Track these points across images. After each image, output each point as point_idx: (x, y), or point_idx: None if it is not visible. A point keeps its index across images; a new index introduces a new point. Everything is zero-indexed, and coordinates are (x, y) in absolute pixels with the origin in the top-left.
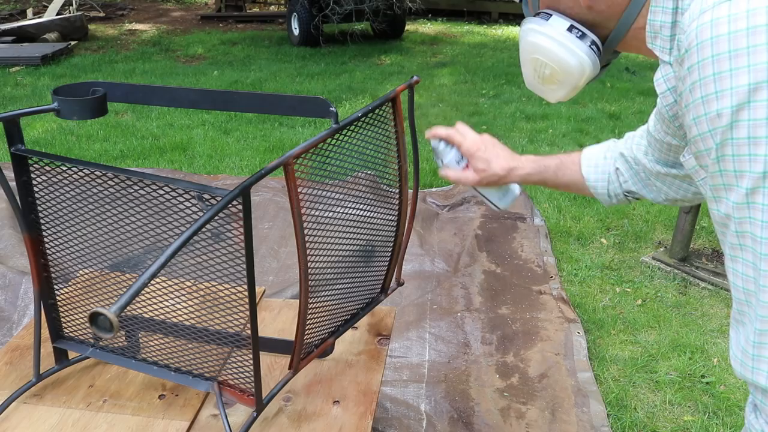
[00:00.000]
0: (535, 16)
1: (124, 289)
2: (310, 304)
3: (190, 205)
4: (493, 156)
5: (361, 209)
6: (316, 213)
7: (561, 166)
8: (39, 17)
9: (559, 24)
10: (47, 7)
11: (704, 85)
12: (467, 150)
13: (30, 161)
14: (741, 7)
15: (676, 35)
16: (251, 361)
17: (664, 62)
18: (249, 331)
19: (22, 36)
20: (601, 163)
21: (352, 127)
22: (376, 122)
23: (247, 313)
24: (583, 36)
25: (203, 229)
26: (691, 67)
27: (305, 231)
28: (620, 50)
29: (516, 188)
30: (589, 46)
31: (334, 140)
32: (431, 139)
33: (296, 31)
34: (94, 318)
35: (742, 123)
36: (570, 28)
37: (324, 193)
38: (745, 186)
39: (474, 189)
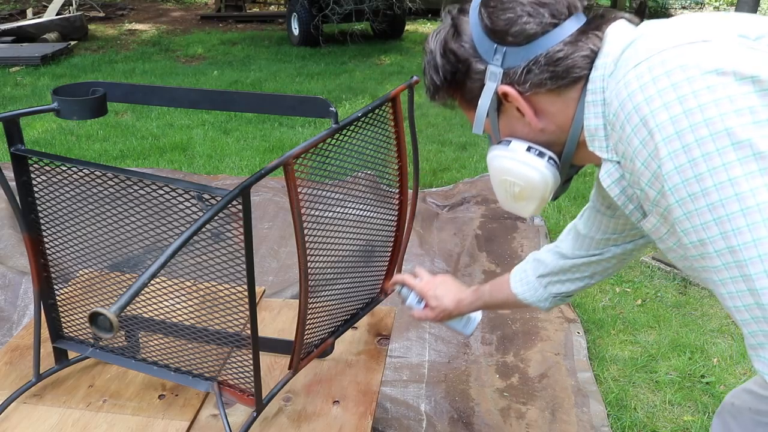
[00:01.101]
0: (497, 144)
1: (124, 289)
2: (310, 304)
3: (190, 205)
4: (443, 293)
5: (361, 209)
6: (316, 213)
7: (493, 289)
8: (39, 17)
9: (518, 146)
10: (47, 7)
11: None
12: (420, 291)
13: (30, 161)
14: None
15: (608, 132)
16: (251, 361)
17: (606, 160)
18: (249, 331)
19: (22, 36)
20: (524, 277)
21: (352, 127)
22: (375, 122)
23: (247, 313)
24: (541, 153)
25: (203, 229)
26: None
27: (305, 231)
28: (576, 163)
29: (477, 315)
30: (547, 160)
31: (334, 140)
32: (394, 285)
33: (296, 31)
34: (94, 318)
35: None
36: (528, 149)
37: (324, 193)
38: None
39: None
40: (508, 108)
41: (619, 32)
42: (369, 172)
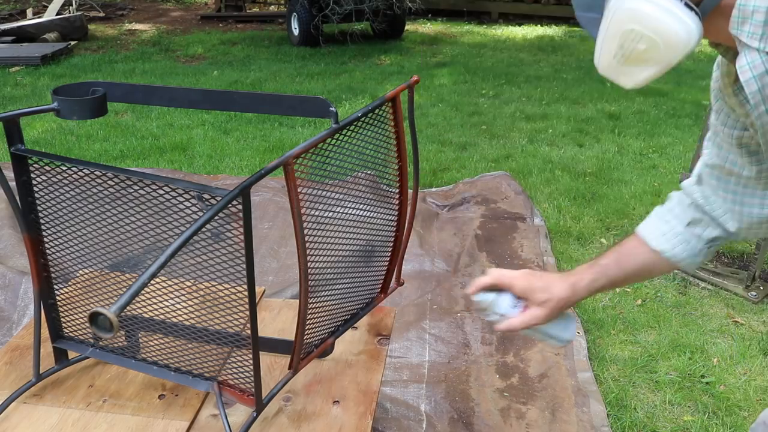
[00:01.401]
0: None
1: (124, 289)
2: (310, 304)
3: (190, 205)
4: (549, 281)
5: (361, 209)
6: (316, 213)
7: (620, 258)
8: (39, 17)
9: None
10: (47, 7)
11: None
12: (522, 289)
13: (30, 161)
14: None
15: None
16: (251, 361)
17: (751, 48)
18: (249, 331)
19: (22, 36)
20: (668, 229)
21: (352, 127)
22: (375, 122)
23: (247, 313)
24: (686, 4)
25: (203, 229)
26: None
27: (305, 231)
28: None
29: (572, 312)
30: (695, 14)
31: (334, 140)
32: (476, 294)
33: (296, 31)
34: (94, 318)
35: None
36: None
37: (324, 193)
38: None
39: (533, 332)
40: None
41: None
42: (369, 172)
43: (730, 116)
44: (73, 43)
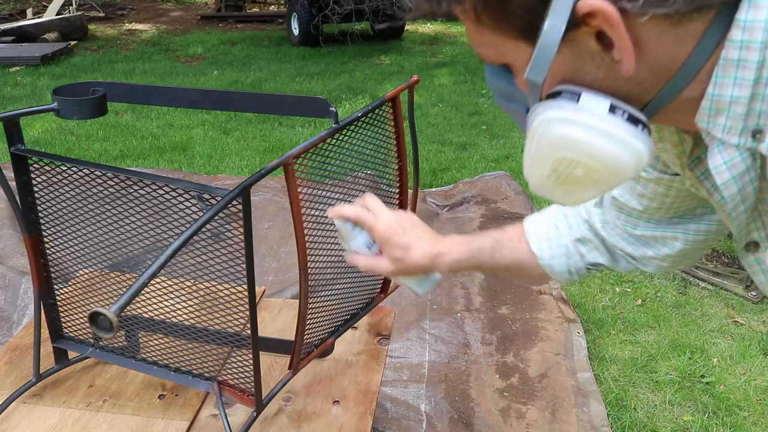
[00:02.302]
0: (550, 98)
1: (124, 289)
2: (310, 304)
3: (190, 205)
4: (414, 240)
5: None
6: (316, 213)
7: (498, 245)
8: (39, 17)
9: (596, 106)
10: (47, 7)
11: None
12: (380, 235)
13: (30, 161)
14: None
15: (753, 111)
16: (251, 361)
17: (728, 145)
18: (249, 331)
19: (22, 36)
20: (554, 236)
21: (352, 127)
22: (375, 122)
23: (247, 313)
24: (632, 119)
25: (203, 229)
26: None
27: (305, 231)
28: (652, 123)
29: (437, 273)
30: (642, 129)
31: (334, 140)
32: (334, 218)
33: (296, 31)
34: (94, 318)
35: None
36: (612, 109)
37: (324, 193)
38: None
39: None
40: (579, 37)
41: None
42: (369, 172)
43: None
44: (73, 43)
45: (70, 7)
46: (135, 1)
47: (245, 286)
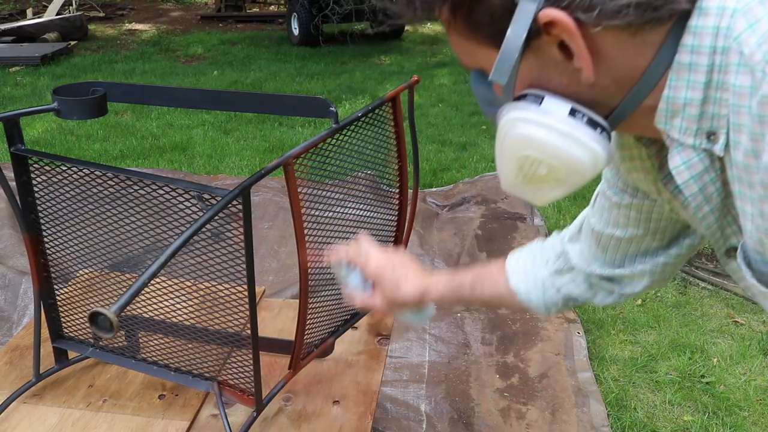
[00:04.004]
0: (517, 100)
1: (124, 289)
2: (310, 304)
3: (190, 205)
4: (403, 277)
5: (361, 209)
6: (316, 213)
7: (477, 281)
8: (39, 17)
9: (556, 108)
10: (47, 7)
11: None
12: (372, 273)
13: (30, 161)
14: None
15: (706, 113)
16: (251, 361)
17: (684, 145)
18: (249, 331)
19: (22, 36)
20: (531, 270)
21: (352, 127)
22: (375, 122)
23: (247, 313)
24: (591, 122)
25: (203, 229)
26: None
27: (305, 231)
28: (619, 131)
29: (432, 306)
30: (600, 133)
31: (334, 140)
32: (333, 262)
33: (296, 31)
34: (94, 318)
35: None
36: (572, 112)
37: (324, 193)
38: None
39: None
40: (543, 46)
41: None
42: (369, 172)
43: (617, 185)
44: (73, 43)
45: (70, 7)
46: (135, 1)
47: (245, 286)
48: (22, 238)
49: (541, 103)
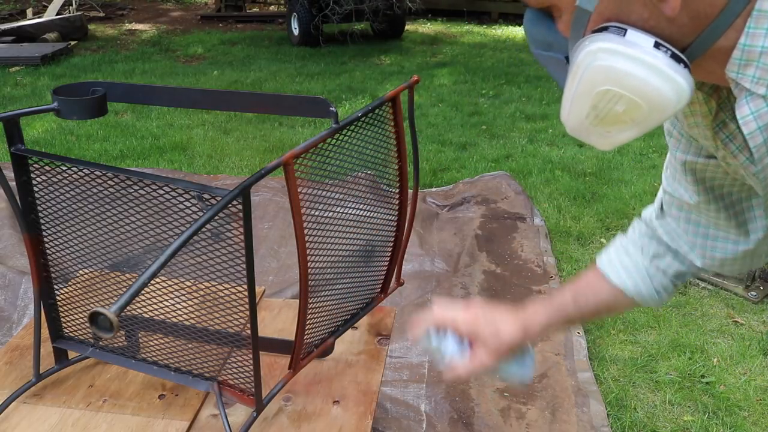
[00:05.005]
0: (596, 32)
1: (124, 289)
2: (310, 304)
3: (190, 205)
4: (498, 322)
5: (361, 209)
6: (316, 213)
7: (578, 295)
8: (39, 17)
9: (642, 41)
10: (47, 7)
11: None
12: (467, 331)
13: (30, 161)
14: None
15: None
16: (251, 361)
17: (756, 95)
18: (249, 331)
19: (22, 36)
20: (630, 263)
21: (352, 127)
22: (375, 122)
23: (247, 313)
24: (675, 57)
25: (203, 229)
26: None
27: (305, 231)
28: None
29: (530, 347)
30: (684, 67)
31: (334, 140)
32: (420, 338)
33: (296, 31)
34: (94, 318)
35: None
36: (656, 45)
37: (324, 193)
38: None
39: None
40: None
41: None
42: (369, 172)
43: (681, 142)
44: (73, 43)
45: (70, 7)
46: (135, 1)
47: (245, 286)
48: (22, 238)
49: (624, 34)
